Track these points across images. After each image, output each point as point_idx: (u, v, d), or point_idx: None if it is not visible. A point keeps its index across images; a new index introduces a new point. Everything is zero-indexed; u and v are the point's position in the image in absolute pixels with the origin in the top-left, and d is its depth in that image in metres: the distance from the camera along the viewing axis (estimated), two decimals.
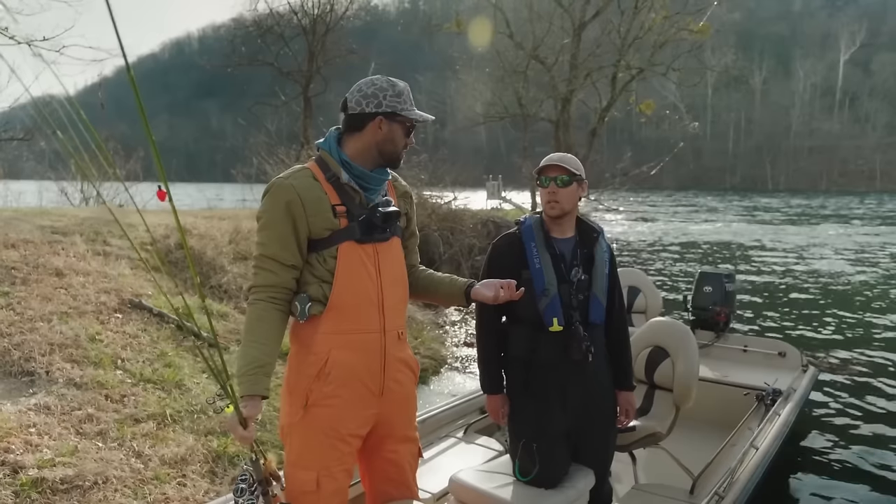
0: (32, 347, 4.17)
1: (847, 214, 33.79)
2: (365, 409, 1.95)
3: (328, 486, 1.89)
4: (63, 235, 6.32)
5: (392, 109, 1.92)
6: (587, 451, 2.49)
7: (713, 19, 22.40)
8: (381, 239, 1.95)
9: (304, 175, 1.93)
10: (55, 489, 2.97)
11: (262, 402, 1.83)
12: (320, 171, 1.93)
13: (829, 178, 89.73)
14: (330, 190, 1.91)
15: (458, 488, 2.43)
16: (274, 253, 1.88)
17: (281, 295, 1.90)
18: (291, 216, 1.87)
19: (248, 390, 1.79)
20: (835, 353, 7.02)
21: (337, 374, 1.89)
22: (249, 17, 23.15)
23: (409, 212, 2.16)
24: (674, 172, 76.04)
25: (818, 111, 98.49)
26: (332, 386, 1.88)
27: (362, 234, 1.90)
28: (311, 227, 1.88)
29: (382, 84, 1.92)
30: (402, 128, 1.96)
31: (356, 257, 1.90)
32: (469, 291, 2.09)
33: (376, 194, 1.97)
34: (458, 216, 11.83)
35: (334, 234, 1.89)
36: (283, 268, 1.89)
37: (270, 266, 1.89)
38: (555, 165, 2.38)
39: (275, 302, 1.89)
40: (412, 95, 1.99)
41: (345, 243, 1.89)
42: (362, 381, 1.92)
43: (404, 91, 1.95)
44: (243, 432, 1.75)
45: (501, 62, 23.77)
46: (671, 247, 19.00)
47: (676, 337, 3.38)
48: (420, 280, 2.21)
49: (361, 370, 1.92)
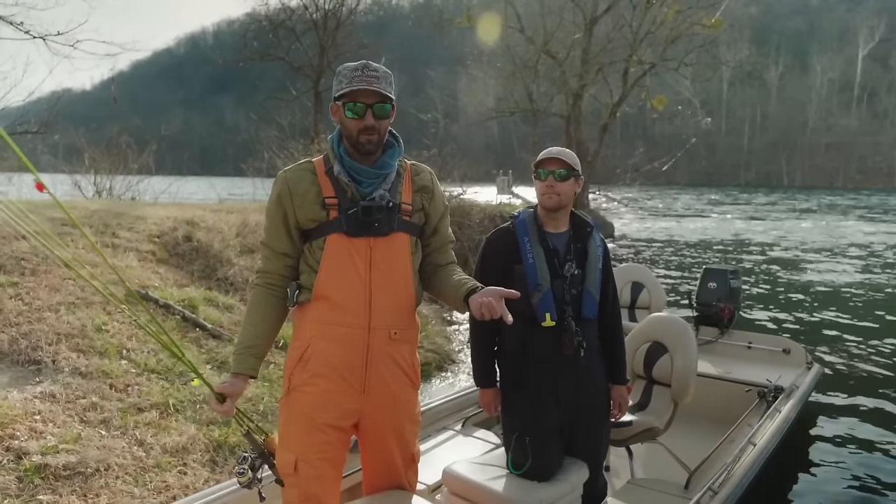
0: (40, 337, 4.23)
1: (863, 212, 33.40)
2: (343, 402, 1.92)
3: (306, 472, 1.89)
4: (73, 228, 6.40)
5: (335, 93, 1.88)
6: (581, 445, 2.50)
7: (728, 14, 22.22)
8: (377, 234, 1.89)
9: (301, 168, 1.97)
10: (58, 475, 3.02)
11: (245, 381, 1.91)
12: (322, 164, 1.96)
13: (846, 175, 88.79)
14: (325, 182, 1.92)
15: (451, 480, 2.44)
16: (268, 241, 1.98)
17: (277, 281, 1.99)
18: (282, 206, 1.93)
19: (234, 368, 1.91)
20: (841, 351, 6.96)
21: (315, 362, 1.90)
22: (262, 12, 23.28)
23: (427, 207, 2.03)
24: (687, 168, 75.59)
25: (835, 107, 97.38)
26: (309, 374, 1.90)
27: (350, 227, 1.88)
28: (298, 217, 1.92)
29: (339, 71, 1.89)
30: (341, 108, 1.86)
31: (343, 250, 1.89)
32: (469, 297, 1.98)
33: (371, 187, 1.91)
34: (466, 211, 11.82)
35: (321, 225, 1.90)
36: (276, 255, 1.97)
37: (266, 253, 1.99)
38: (553, 159, 2.37)
39: (271, 288, 1.98)
40: (363, 70, 1.81)
41: (333, 235, 1.89)
42: (340, 374, 1.90)
43: (345, 69, 1.86)
44: (218, 405, 1.84)
45: (512, 57, 23.70)
46: (680, 243, 18.89)
47: (675, 332, 3.37)
48: (436, 279, 2.09)
49: (339, 363, 1.89)
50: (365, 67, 1.84)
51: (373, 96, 1.83)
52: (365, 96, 1.83)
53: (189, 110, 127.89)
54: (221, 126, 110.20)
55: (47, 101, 14.41)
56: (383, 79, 1.84)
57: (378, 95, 1.84)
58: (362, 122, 1.84)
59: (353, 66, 1.85)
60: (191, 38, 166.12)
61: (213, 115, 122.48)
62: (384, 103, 1.86)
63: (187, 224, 7.41)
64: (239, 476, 1.91)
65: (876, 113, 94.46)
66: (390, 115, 1.91)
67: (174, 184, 15.12)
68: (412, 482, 2.16)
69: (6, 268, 5.14)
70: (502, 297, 1.80)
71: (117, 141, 14.07)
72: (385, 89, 1.84)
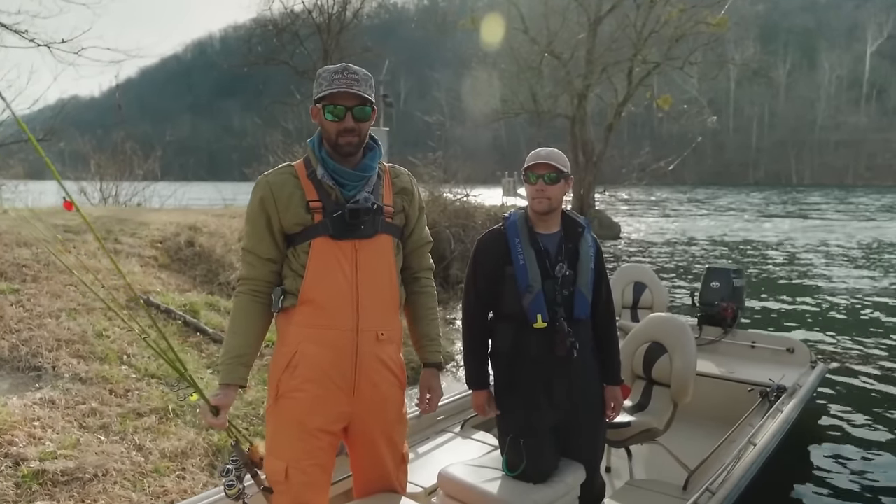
0: (40, 343, 4.25)
1: (873, 210, 33.11)
2: (334, 406, 1.92)
3: (297, 479, 1.88)
4: (75, 234, 6.43)
5: (315, 96, 1.88)
6: (576, 446, 2.48)
7: (734, 12, 22.14)
8: (361, 236, 1.89)
9: (283, 172, 1.96)
10: (55, 481, 3.02)
11: (235, 391, 1.89)
12: (304, 167, 1.95)
13: (856, 173, 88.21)
14: (308, 186, 1.91)
15: (446, 482, 2.43)
16: (252, 246, 1.95)
17: (261, 288, 1.96)
18: (265, 211, 1.91)
19: (224, 379, 1.89)
20: (846, 351, 6.89)
21: (304, 367, 1.89)
22: (267, 17, 23.38)
23: (408, 209, 2.04)
24: (695, 167, 75.26)
25: (844, 104, 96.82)
26: (298, 380, 1.89)
27: (335, 229, 1.87)
28: (282, 221, 1.91)
29: (319, 74, 1.90)
30: (321, 110, 1.87)
31: (329, 253, 1.88)
32: (424, 366, 2.17)
33: (355, 190, 1.91)
34: (469, 213, 11.80)
35: (306, 229, 1.89)
36: (261, 261, 1.94)
37: (250, 259, 1.96)
38: (543, 163, 2.35)
39: (256, 295, 1.95)
40: (343, 73, 1.83)
41: (318, 239, 1.88)
42: (330, 378, 1.89)
43: (324, 72, 1.86)
44: (213, 419, 1.83)
45: (516, 58, 23.69)
46: (686, 242, 18.80)
47: (674, 332, 3.35)
48: (413, 300, 2.14)
49: (329, 367, 1.88)
50: (345, 70, 1.84)
51: (353, 99, 1.84)
52: (344, 99, 1.84)
53: (196, 115, 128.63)
54: (228, 131, 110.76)
55: (52, 108, 14.53)
56: (363, 81, 1.85)
57: (358, 98, 1.84)
58: (342, 125, 1.85)
59: (334, 68, 1.85)
60: (198, 43, 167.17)
61: (220, 120, 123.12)
62: (364, 105, 1.86)
63: (190, 229, 7.44)
64: (228, 489, 1.89)
65: (885, 110, 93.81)
66: (370, 118, 1.91)
67: (180, 189, 15.19)
68: (403, 483, 2.15)
69: (7, 274, 5.17)
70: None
71: (122, 147, 14.16)
72: (365, 92, 1.84)
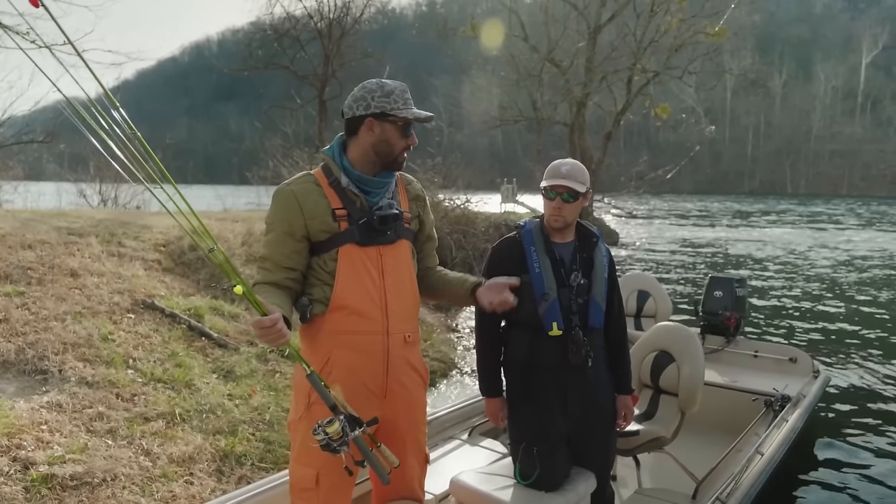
0: (46, 346, 4.24)
1: (868, 220, 33.29)
2: (367, 410, 1.92)
3: (327, 484, 1.91)
4: (79, 237, 6.43)
5: (381, 110, 1.92)
6: (588, 455, 2.49)
7: (732, 23, 22.26)
8: (385, 241, 1.96)
9: (305, 180, 1.99)
10: (65, 486, 3.02)
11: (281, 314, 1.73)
12: (324, 176, 1.99)
13: (851, 183, 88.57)
14: (332, 194, 1.95)
15: (458, 490, 2.44)
16: (271, 254, 1.97)
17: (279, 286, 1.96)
18: (289, 221, 1.93)
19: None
20: (848, 360, 6.92)
21: (338, 373, 1.91)
22: (267, 21, 23.40)
23: (422, 215, 2.16)
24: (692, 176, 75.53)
25: (839, 115, 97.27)
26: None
27: (362, 236, 1.92)
28: (309, 230, 1.93)
29: (371, 86, 1.95)
30: (396, 128, 1.95)
31: (357, 260, 1.93)
32: (476, 290, 2.11)
33: (378, 197, 1.98)
34: (470, 219, 11.83)
35: (333, 236, 1.93)
36: (280, 268, 1.96)
37: (268, 266, 1.98)
38: (561, 185, 2.34)
39: (275, 285, 1.94)
40: (408, 94, 1.97)
41: (345, 246, 1.92)
42: (363, 382, 1.94)
43: (395, 90, 1.95)
44: (270, 329, 1.65)
45: (516, 66, 23.78)
46: (685, 251, 18.85)
47: (681, 341, 3.36)
48: (433, 280, 2.21)
49: (362, 371, 1.93)
50: (408, 90, 1.98)
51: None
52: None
53: (194, 119, 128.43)
54: (226, 135, 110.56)
55: (53, 110, 14.51)
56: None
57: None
58: (410, 141, 1.99)
59: (401, 87, 1.96)
60: (195, 47, 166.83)
61: (218, 123, 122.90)
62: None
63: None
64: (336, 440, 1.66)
65: (880, 121, 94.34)
66: None
67: None
68: (422, 483, 2.19)
69: (13, 277, 5.16)
70: (507, 287, 2.05)
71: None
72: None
